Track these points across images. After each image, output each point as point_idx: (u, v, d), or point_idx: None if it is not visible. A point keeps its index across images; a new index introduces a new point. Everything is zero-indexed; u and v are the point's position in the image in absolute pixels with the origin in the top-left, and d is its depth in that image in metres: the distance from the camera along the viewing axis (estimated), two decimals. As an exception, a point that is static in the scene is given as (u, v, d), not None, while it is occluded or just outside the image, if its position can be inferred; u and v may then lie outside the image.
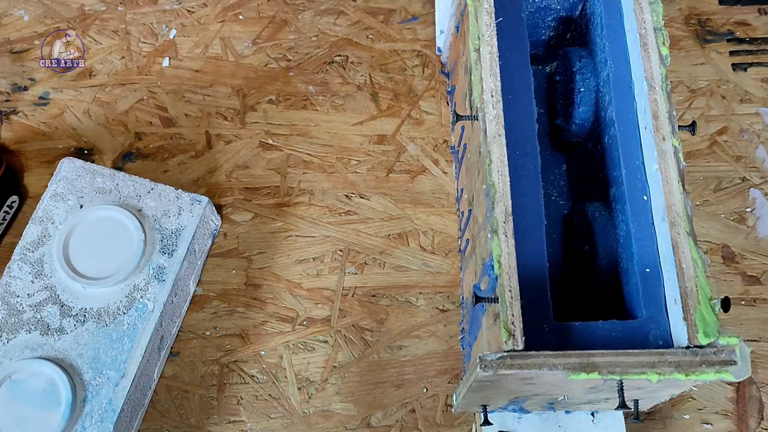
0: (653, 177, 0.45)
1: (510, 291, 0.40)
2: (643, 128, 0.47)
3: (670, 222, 0.43)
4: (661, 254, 0.44)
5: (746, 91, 0.66)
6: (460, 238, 0.57)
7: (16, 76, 0.66)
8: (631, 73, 0.48)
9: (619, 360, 0.39)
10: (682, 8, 0.70)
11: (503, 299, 0.40)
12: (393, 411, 0.54)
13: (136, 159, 0.63)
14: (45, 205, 0.54)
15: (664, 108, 0.46)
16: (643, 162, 0.46)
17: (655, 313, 0.43)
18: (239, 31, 0.69)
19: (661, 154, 0.45)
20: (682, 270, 0.42)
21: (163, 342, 0.54)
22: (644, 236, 0.45)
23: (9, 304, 0.51)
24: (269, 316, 0.57)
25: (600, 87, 0.51)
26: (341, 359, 0.56)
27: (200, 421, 0.54)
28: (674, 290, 0.42)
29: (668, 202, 0.43)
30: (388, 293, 0.58)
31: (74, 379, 0.49)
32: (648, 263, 0.44)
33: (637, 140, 0.47)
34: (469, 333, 0.51)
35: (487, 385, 0.41)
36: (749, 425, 0.54)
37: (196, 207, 0.55)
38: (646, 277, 0.44)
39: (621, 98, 0.48)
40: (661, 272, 0.43)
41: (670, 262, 0.43)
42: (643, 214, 0.45)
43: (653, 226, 0.45)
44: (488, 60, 0.46)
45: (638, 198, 0.46)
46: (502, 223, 0.42)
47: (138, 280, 0.52)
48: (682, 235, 0.43)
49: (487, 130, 0.44)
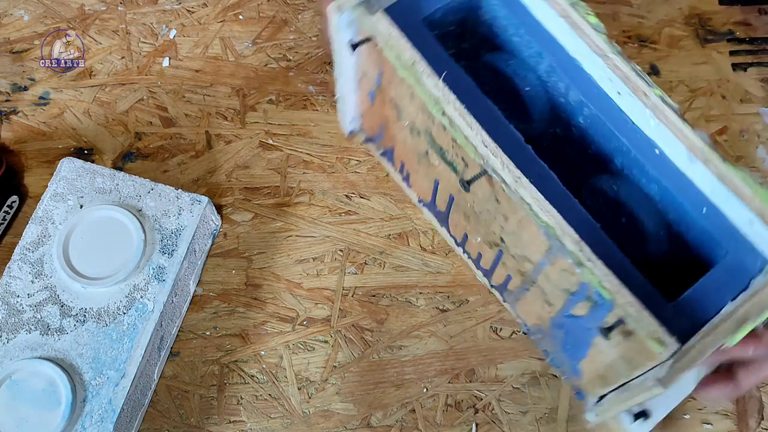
0: (655, 131, 0.45)
1: (632, 306, 0.40)
2: (616, 95, 0.46)
3: (704, 160, 0.43)
4: (708, 193, 0.44)
5: (746, 91, 0.66)
6: (484, 273, 0.56)
7: (16, 76, 0.66)
8: (573, 54, 0.48)
9: (761, 298, 0.39)
10: (682, 8, 0.70)
11: (630, 316, 0.39)
12: (393, 411, 0.54)
13: (136, 159, 0.63)
14: (45, 205, 0.54)
15: (627, 69, 0.45)
16: (634, 123, 0.46)
17: (737, 243, 0.43)
18: (239, 31, 0.69)
19: (653, 108, 0.45)
20: (742, 193, 0.42)
21: (163, 342, 0.54)
22: (680, 184, 0.45)
23: (9, 304, 0.51)
24: (269, 316, 0.57)
25: (545, 78, 0.50)
26: (341, 359, 0.56)
27: (200, 421, 0.54)
28: (743, 215, 0.42)
29: (689, 145, 0.44)
30: (388, 293, 0.58)
31: (74, 379, 0.49)
32: (698, 206, 0.44)
33: (617, 108, 0.46)
34: (566, 352, 0.51)
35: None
36: (749, 425, 0.54)
37: (196, 207, 0.55)
38: (707, 216, 0.44)
39: (578, 79, 0.47)
40: (718, 207, 0.44)
41: (723, 193, 0.43)
42: (666, 166, 0.45)
43: (683, 173, 0.45)
44: (459, 117, 0.44)
45: (651, 155, 0.46)
46: (579, 252, 0.41)
47: (138, 280, 0.52)
48: (722, 167, 0.43)
49: (506, 180, 0.43)
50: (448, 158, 0.47)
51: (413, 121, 0.49)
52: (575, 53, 0.48)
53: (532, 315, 0.53)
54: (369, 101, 0.54)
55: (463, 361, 0.56)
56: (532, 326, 0.54)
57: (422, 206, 0.58)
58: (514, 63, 0.51)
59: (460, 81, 0.46)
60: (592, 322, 0.44)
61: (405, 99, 0.47)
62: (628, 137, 0.46)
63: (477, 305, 0.57)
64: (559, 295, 0.46)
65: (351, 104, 0.56)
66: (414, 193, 0.58)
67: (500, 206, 0.45)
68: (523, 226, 0.44)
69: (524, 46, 0.50)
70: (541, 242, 0.43)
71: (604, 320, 0.42)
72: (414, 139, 0.51)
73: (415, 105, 0.47)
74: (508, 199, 0.43)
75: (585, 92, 0.47)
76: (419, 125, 0.48)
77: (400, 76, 0.45)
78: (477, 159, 0.43)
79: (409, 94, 0.46)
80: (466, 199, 0.49)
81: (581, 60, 0.47)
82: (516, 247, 0.47)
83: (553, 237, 0.41)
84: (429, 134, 0.47)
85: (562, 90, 0.49)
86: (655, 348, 0.38)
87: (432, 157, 0.50)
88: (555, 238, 0.41)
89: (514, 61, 0.51)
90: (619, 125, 0.46)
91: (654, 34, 0.69)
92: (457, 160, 0.46)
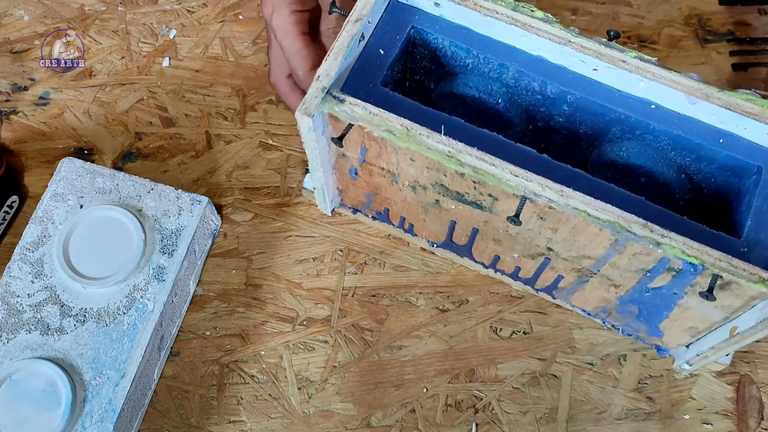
0: (645, 90, 0.46)
1: (722, 260, 0.41)
2: (592, 71, 0.47)
3: (705, 97, 0.44)
4: (718, 124, 0.45)
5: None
6: (525, 282, 0.56)
7: (16, 76, 0.66)
8: (536, 53, 0.48)
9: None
10: (682, 8, 0.70)
11: (724, 270, 0.41)
12: (393, 411, 0.54)
13: (136, 159, 0.63)
14: (45, 205, 0.54)
15: (595, 45, 0.46)
16: (622, 91, 0.47)
17: (765, 157, 0.45)
18: (239, 31, 0.69)
19: (637, 70, 0.45)
20: (752, 112, 0.44)
21: (163, 342, 0.54)
22: (689, 127, 0.46)
23: (9, 304, 0.51)
24: (269, 316, 0.57)
25: (513, 84, 0.50)
26: (341, 359, 0.56)
27: (200, 421, 0.54)
28: (761, 130, 0.44)
29: (685, 89, 0.45)
30: (388, 293, 0.58)
31: (74, 379, 0.49)
32: (713, 139, 0.45)
33: (598, 83, 0.47)
34: (641, 320, 0.52)
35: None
36: (749, 425, 0.54)
37: (196, 207, 0.55)
38: (726, 146, 0.45)
39: (549, 73, 0.48)
40: (734, 133, 0.45)
41: (734, 119, 0.44)
42: (669, 116, 0.46)
43: (688, 116, 0.46)
44: (480, 162, 0.43)
45: (649, 111, 0.46)
46: (651, 234, 0.41)
47: (138, 280, 0.52)
48: (724, 97, 0.44)
49: (552, 198, 0.42)
50: (470, 199, 0.47)
51: (416, 180, 0.48)
52: (538, 51, 0.48)
53: (593, 301, 0.53)
54: (350, 178, 0.53)
55: (463, 361, 0.56)
56: (593, 310, 0.55)
57: (435, 247, 0.58)
58: (476, 82, 0.51)
59: (451, 125, 0.45)
60: (677, 288, 0.45)
61: (402, 164, 0.47)
62: (621, 105, 0.47)
63: (477, 305, 0.57)
64: (630, 276, 0.46)
65: (330, 188, 0.55)
66: (422, 240, 0.58)
67: (545, 222, 0.45)
68: (579, 230, 0.44)
69: (482, 64, 0.50)
70: (605, 238, 0.43)
71: (696, 283, 0.43)
72: (419, 195, 0.50)
73: (416, 166, 0.46)
74: (555, 213, 0.43)
75: (562, 82, 0.47)
76: (424, 181, 0.48)
77: (398, 146, 0.44)
78: (512, 191, 0.43)
79: (407, 159, 0.46)
80: (498, 227, 0.49)
81: (546, 55, 0.48)
82: (569, 250, 0.47)
83: (620, 230, 0.42)
84: (440, 186, 0.47)
85: (536, 88, 0.49)
86: (762, 288, 0.40)
87: (446, 203, 0.49)
88: (622, 230, 0.42)
89: (474, 81, 0.51)
90: (610, 98, 0.47)
91: (654, 34, 0.69)
92: (482, 198, 0.46)
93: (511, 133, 0.52)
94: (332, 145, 0.49)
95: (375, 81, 0.47)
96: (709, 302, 0.43)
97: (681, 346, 0.53)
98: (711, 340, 0.49)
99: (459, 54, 0.50)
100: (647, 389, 0.55)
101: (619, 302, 0.51)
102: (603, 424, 0.54)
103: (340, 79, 0.46)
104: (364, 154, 0.48)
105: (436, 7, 0.49)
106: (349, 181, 0.54)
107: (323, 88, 0.44)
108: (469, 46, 0.49)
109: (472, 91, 0.50)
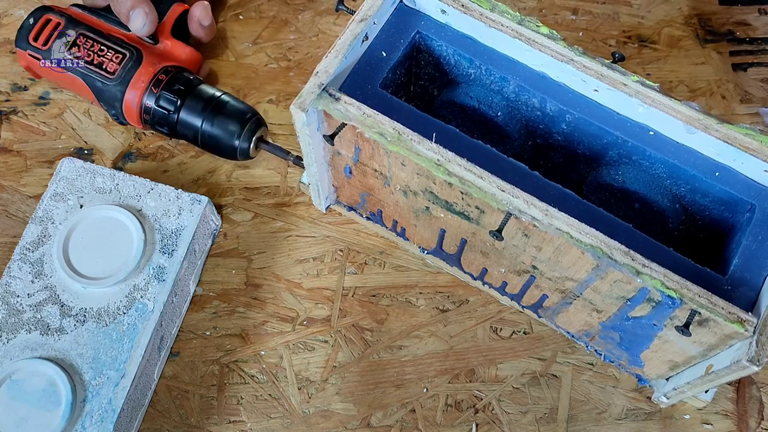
0: (645, 115, 0.45)
1: (701, 296, 0.40)
2: (593, 92, 0.46)
3: (703, 128, 0.44)
4: (715, 156, 0.45)
5: (746, 91, 0.66)
6: (512, 297, 0.56)
7: (16, 76, 0.66)
8: (538, 69, 0.47)
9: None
10: (682, 8, 0.70)
11: (702, 306, 0.39)
12: (393, 411, 0.54)
13: (136, 159, 0.63)
14: (45, 205, 0.54)
15: (597, 66, 0.45)
16: (619, 113, 0.46)
17: (760, 195, 0.44)
18: (239, 31, 0.69)
19: (636, 94, 0.45)
20: (750, 147, 0.43)
21: (163, 342, 0.54)
22: (686, 156, 0.45)
23: (9, 304, 0.51)
24: (269, 316, 0.57)
25: (514, 98, 0.50)
26: (341, 359, 0.56)
27: (200, 421, 0.54)
28: (758, 166, 0.43)
29: (684, 118, 0.44)
30: (388, 293, 0.58)
31: (74, 379, 0.49)
32: (709, 171, 0.45)
33: (598, 105, 0.47)
34: (623, 348, 0.51)
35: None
36: (749, 425, 0.54)
37: (196, 207, 0.55)
38: (721, 179, 0.44)
39: (550, 90, 0.47)
40: (730, 167, 0.44)
41: (731, 153, 0.43)
42: (666, 144, 0.46)
43: (685, 146, 0.45)
44: (467, 173, 0.43)
45: (647, 137, 0.46)
46: (632, 262, 0.40)
47: (138, 280, 0.52)
48: (723, 129, 0.44)
49: (536, 216, 0.42)
50: (458, 209, 0.47)
51: (407, 184, 0.48)
52: (540, 67, 0.47)
53: (576, 324, 0.53)
54: (345, 176, 0.53)
55: (463, 361, 0.56)
56: (576, 333, 0.54)
57: (426, 254, 0.58)
58: (477, 92, 0.50)
59: (445, 133, 0.45)
60: (656, 319, 0.44)
61: (394, 168, 0.47)
62: (619, 129, 0.46)
63: (477, 305, 0.57)
64: (612, 303, 0.45)
65: (324, 184, 0.55)
66: (413, 245, 0.58)
67: (530, 239, 0.44)
68: (562, 251, 0.43)
69: (483, 75, 0.50)
70: (587, 262, 0.42)
71: (675, 316, 0.42)
72: (410, 200, 0.50)
73: (407, 171, 0.46)
74: (539, 232, 0.43)
75: (562, 100, 0.47)
76: (415, 187, 0.47)
77: (389, 149, 0.44)
78: (497, 205, 0.42)
79: (398, 163, 0.46)
80: (485, 240, 0.48)
81: (548, 72, 0.47)
82: (553, 270, 0.46)
83: (601, 255, 0.41)
84: (430, 193, 0.47)
85: (536, 104, 0.49)
86: (738, 328, 0.39)
87: (435, 211, 0.49)
88: (603, 256, 0.41)
89: (475, 91, 0.50)
90: (607, 121, 0.46)
91: (654, 34, 0.69)
92: (470, 209, 0.46)
93: (509, 147, 0.52)
94: (327, 145, 0.49)
95: (374, 83, 0.47)
96: (685, 337, 0.42)
97: (661, 378, 0.52)
98: (687, 376, 0.47)
99: (462, 63, 0.50)
100: (647, 389, 0.55)
101: (601, 327, 0.50)
102: (603, 424, 0.54)
103: (340, 77, 0.46)
104: (358, 154, 0.48)
105: (443, 15, 0.49)
106: (344, 179, 0.54)
107: (320, 85, 0.44)
108: (473, 56, 0.49)
109: (472, 102, 0.50)
